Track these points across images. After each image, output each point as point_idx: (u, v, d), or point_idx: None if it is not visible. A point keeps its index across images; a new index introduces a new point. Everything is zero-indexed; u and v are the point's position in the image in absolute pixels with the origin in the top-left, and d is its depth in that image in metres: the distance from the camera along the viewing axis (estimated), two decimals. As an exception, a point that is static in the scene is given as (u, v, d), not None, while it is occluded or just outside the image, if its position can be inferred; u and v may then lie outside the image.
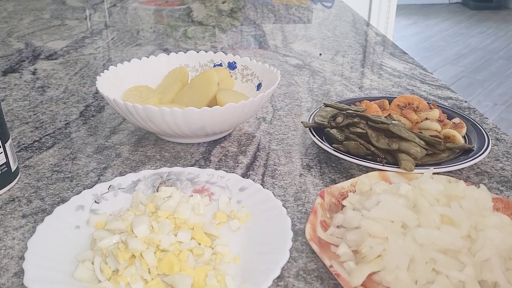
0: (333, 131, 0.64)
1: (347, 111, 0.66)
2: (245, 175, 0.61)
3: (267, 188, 0.57)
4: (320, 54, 1.08)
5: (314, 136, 0.64)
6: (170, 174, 0.56)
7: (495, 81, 3.26)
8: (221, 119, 0.62)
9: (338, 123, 0.65)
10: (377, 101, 0.74)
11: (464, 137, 0.66)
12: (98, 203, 0.51)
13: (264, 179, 0.60)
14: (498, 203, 0.50)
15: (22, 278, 0.41)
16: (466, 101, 0.83)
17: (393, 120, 0.65)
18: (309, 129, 0.66)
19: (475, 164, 0.63)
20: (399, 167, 0.57)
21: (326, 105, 0.71)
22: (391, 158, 0.60)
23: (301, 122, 0.72)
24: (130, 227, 0.45)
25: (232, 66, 0.78)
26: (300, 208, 0.54)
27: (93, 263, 0.43)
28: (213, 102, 0.70)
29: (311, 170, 0.62)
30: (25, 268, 0.41)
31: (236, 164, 0.63)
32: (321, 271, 0.45)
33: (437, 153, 0.61)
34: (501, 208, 0.50)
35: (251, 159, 0.64)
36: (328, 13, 1.50)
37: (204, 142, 0.68)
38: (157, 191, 0.53)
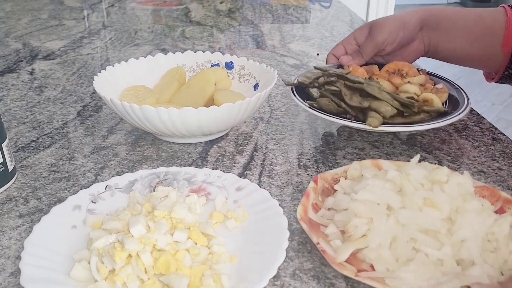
0: (313, 90, 0.65)
1: (329, 71, 0.67)
2: (242, 175, 0.61)
3: (264, 188, 0.57)
4: (318, 54, 1.08)
5: (295, 96, 0.65)
6: (167, 174, 0.56)
7: (493, 81, 3.26)
8: (218, 119, 0.62)
9: (319, 83, 0.66)
10: (366, 66, 0.75)
11: (446, 102, 0.67)
12: (95, 203, 0.51)
13: (261, 178, 0.60)
14: (484, 191, 0.52)
15: (19, 278, 0.41)
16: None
17: (372, 81, 0.66)
18: (291, 88, 0.67)
19: (472, 163, 0.63)
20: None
21: (316, 68, 0.72)
22: (362, 116, 0.61)
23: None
24: (127, 227, 0.45)
25: (229, 66, 0.78)
26: (296, 207, 0.54)
27: (89, 263, 0.43)
28: (210, 102, 0.70)
29: (308, 170, 0.62)
30: (22, 268, 0.41)
31: (233, 164, 0.63)
32: (317, 271, 0.45)
33: (412, 115, 0.63)
34: (487, 195, 0.52)
35: (248, 159, 0.64)
36: (326, 13, 1.50)
37: (201, 142, 0.68)
38: (154, 191, 0.53)
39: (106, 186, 0.53)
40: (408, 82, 0.68)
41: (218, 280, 0.41)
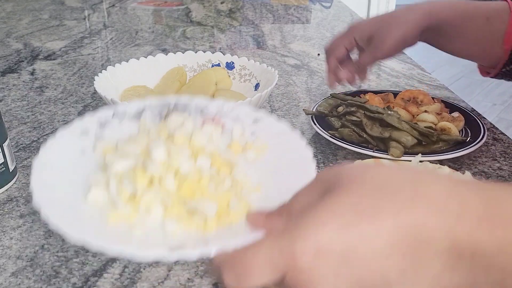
0: (332, 119, 0.66)
1: (348, 101, 0.68)
2: (243, 175, 0.61)
3: (265, 188, 0.57)
4: (319, 54, 1.08)
5: (315, 124, 0.66)
6: (177, 104, 0.50)
7: (494, 81, 3.26)
8: (219, 119, 0.62)
9: (338, 113, 0.67)
10: (382, 94, 0.74)
11: (462, 130, 0.67)
12: (103, 129, 0.46)
13: (262, 179, 0.60)
14: None
15: (20, 278, 0.41)
16: (464, 101, 0.83)
17: (390, 111, 0.66)
18: (311, 117, 0.67)
19: (472, 164, 0.63)
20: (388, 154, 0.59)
21: (333, 96, 0.73)
22: (383, 146, 0.62)
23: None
24: (146, 151, 0.41)
25: (230, 66, 0.78)
26: (297, 207, 0.54)
27: (107, 186, 0.38)
28: (211, 102, 0.70)
29: (309, 170, 0.62)
30: (33, 189, 0.35)
31: (234, 164, 0.63)
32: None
33: (430, 144, 0.63)
34: None
35: (249, 159, 0.64)
36: (327, 13, 1.50)
37: (202, 142, 0.68)
38: (165, 120, 0.49)
39: (113, 114, 0.49)
40: (425, 111, 0.68)
41: (246, 206, 0.38)
